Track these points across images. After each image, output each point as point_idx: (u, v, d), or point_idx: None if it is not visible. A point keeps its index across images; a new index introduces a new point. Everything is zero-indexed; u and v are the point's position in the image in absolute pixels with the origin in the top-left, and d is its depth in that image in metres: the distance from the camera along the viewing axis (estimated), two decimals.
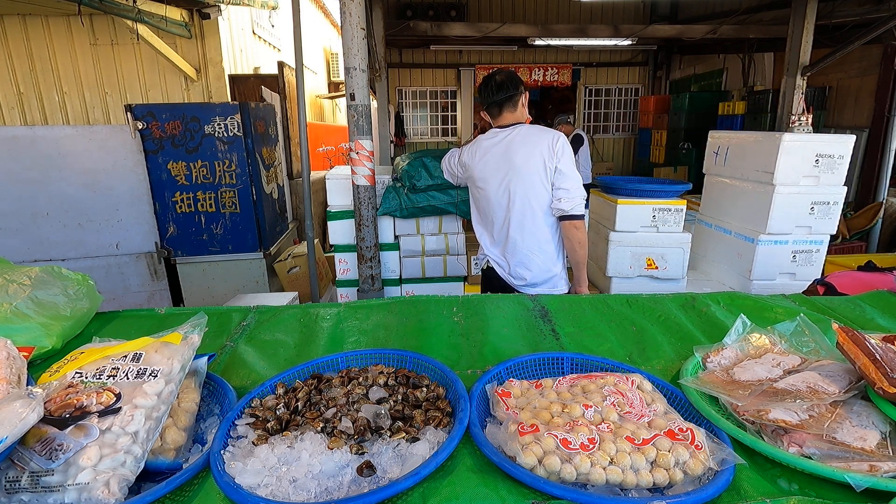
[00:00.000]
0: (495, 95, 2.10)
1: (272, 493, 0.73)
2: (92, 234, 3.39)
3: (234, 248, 3.59)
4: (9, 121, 5.48)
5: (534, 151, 2.04)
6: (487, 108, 2.17)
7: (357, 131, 2.84)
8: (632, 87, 10.34)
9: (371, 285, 3.07)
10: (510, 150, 2.08)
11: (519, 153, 2.06)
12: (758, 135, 3.14)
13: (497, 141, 2.12)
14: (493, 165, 2.12)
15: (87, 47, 5.38)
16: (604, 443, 0.77)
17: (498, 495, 0.73)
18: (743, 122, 7.29)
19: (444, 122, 10.37)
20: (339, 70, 10.23)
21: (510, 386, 0.96)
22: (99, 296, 1.39)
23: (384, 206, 3.00)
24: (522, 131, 2.09)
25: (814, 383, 0.88)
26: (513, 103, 2.11)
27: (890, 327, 1.32)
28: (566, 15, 9.12)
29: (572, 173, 2.06)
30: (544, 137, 2.05)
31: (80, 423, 0.76)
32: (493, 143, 2.13)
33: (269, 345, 1.25)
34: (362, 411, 0.87)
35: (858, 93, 6.09)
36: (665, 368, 1.12)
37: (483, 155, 2.15)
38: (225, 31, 5.62)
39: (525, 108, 2.15)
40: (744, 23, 6.94)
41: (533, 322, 1.35)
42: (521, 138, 2.07)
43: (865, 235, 5.05)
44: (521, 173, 2.06)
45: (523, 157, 2.05)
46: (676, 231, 3.17)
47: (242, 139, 3.38)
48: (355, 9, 2.74)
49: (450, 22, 7.49)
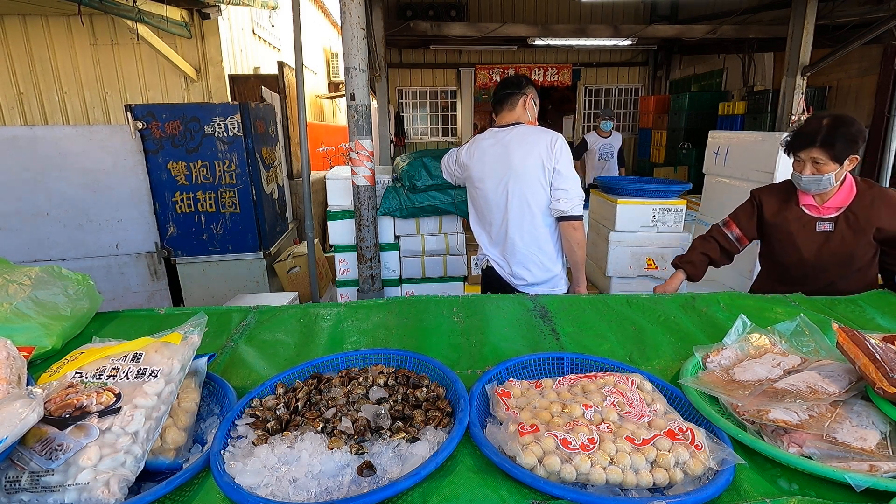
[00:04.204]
0: (497, 92, 2.15)
1: (272, 493, 0.73)
2: (92, 234, 3.39)
3: (234, 248, 3.59)
4: (9, 121, 5.48)
5: (532, 152, 2.03)
6: (493, 106, 2.21)
7: (357, 131, 2.84)
8: (632, 87, 10.34)
9: (371, 285, 3.07)
10: (508, 150, 2.07)
11: (517, 153, 2.05)
12: (758, 135, 3.14)
13: (495, 141, 2.12)
14: (491, 165, 2.11)
15: (87, 47, 5.38)
16: (604, 443, 0.77)
17: (498, 495, 0.73)
18: (743, 122, 7.29)
19: (444, 122, 10.38)
20: (339, 70, 10.23)
21: (510, 386, 0.96)
22: (99, 296, 1.39)
23: (384, 206, 3.00)
24: (520, 131, 2.08)
25: (814, 383, 0.88)
26: (511, 102, 2.11)
27: (890, 327, 1.32)
28: (566, 15, 9.12)
29: (570, 174, 2.05)
30: (542, 138, 2.04)
31: (80, 423, 0.76)
32: (492, 143, 2.13)
33: (269, 345, 1.25)
34: (362, 411, 0.87)
35: (858, 93, 6.09)
36: (665, 368, 1.12)
37: (482, 155, 2.14)
38: (225, 31, 5.62)
39: (528, 110, 2.14)
40: (744, 23, 6.95)
41: (533, 322, 1.35)
42: (519, 138, 2.06)
43: None
44: (519, 174, 2.05)
45: (521, 158, 2.04)
46: (676, 231, 3.17)
47: (242, 139, 3.38)
48: (355, 9, 2.74)
49: (450, 22, 7.48)
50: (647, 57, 10.05)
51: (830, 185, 1.77)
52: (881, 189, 1.85)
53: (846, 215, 1.82)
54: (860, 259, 1.84)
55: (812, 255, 1.87)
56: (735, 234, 2.05)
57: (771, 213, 1.96)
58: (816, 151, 1.73)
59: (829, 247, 1.85)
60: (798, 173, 1.81)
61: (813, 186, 1.79)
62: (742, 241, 2.05)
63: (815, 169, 1.76)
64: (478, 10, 8.92)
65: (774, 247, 1.99)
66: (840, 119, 1.73)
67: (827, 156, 1.72)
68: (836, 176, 1.75)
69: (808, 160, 1.77)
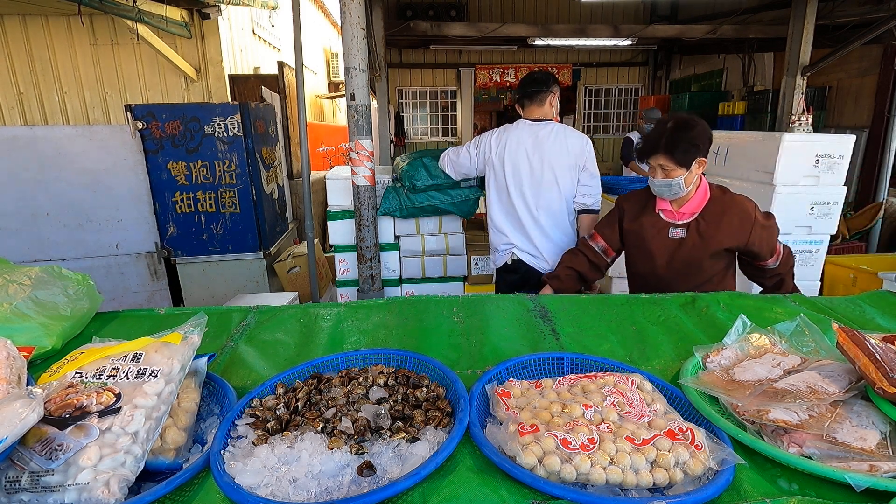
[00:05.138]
0: (527, 87, 2.33)
1: (272, 493, 0.73)
2: (92, 234, 3.39)
3: (234, 248, 3.59)
4: (9, 121, 5.47)
5: (567, 149, 2.28)
6: (518, 100, 2.39)
7: (357, 131, 2.83)
8: (632, 87, 10.33)
9: (371, 285, 3.07)
10: (545, 144, 2.27)
11: (553, 148, 2.27)
12: (758, 135, 3.13)
13: (531, 133, 2.30)
14: (525, 156, 2.30)
15: (87, 47, 5.38)
16: (604, 443, 0.77)
17: (498, 495, 0.73)
18: (743, 122, 7.28)
19: (444, 122, 10.37)
20: (339, 70, 10.22)
21: (510, 386, 0.96)
22: (99, 296, 1.39)
23: (384, 206, 3.00)
24: (557, 129, 2.31)
25: (814, 383, 0.88)
26: (540, 99, 2.32)
27: (890, 327, 1.32)
28: (566, 15, 9.12)
29: (596, 172, 2.36)
30: (576, 138, 2.32)
31: (80, 423, 0.76)
32: (525, 134, 2.30)
33: (269, 345, 1.25)
34: (362, 411, 0.87)
35: (858, 93, 6.08)
36: (665, 368, 1.11)
37: (515, 145, 2.30)
38: (225, 31, 5.62)
39: (553, 107, 2.36)
40: (744, 23, 6.94)
41: (533, 322, 1.35)
42: (555, 135, 2.29)
43: (865, 235, 5.04)
44: (555, 167, 2.28)
45: (557, 153, 2.27)
46: None
47: (242, 139, 3.38)
48: (355, 9, 2.73)
49: (450, 22, 7.48)
50: (647, 57, 10.04)
51: (681, 189, 1.75)
52: (733, 197, 1.82)
53: (697, 221, 1.79)
54: (711, 268, 1.81)
55: (664, 262, 1.84)
56: (600, 246, 2.01)
57: (630, 220, 1.94)
58: (662, 158, 1.72)
59: (680, 254, 1.82)
60: (651, 178, 1.80)
61: (665, 192, 1.78)
62: (608, 252, 2.00)
63: (665, 174, 1.74)
64: (478, 10, 8.91)
65: (633, 255, 1.97)
66: (682, 123, 1.72)
67: (672, 161, 1.70)
68: (685, 180, 1.73)
69: (657, 166, 1.76)
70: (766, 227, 1.79)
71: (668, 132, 1.71)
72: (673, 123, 1.72)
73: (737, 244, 1.78)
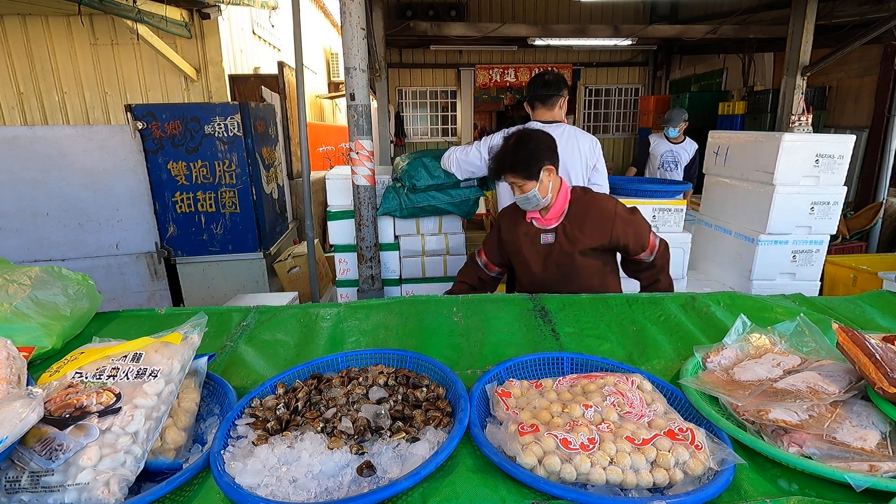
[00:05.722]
0: (539, 90, 2.39)
1: (272, 493, 0.73)
2: (92, 234, 3.39)
3: (234, 248, 3.59)
4: (9, 121, 5.47)
5: (579, 150, 2.38)
6: (529, 100, 2.46)
7: (357, 131, 2.83)
8: (632, 87, 10.33)
9: (371, 285, 3.07)
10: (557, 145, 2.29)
11: (565, 150, 2.27)
12: (758, 135, 3.13)
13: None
14: None
15: (87, 47, 5.38)
16: (604, 443, 0.77)
17: (498, 495, 0.73)
18: (743, 122, 7.28)
19: (444, 122, 10.37)
20: (339, 70, 10.23)
21: (510, 386, 0.96)
22: (99, 296, 1.39)
23: (384, 206, 3.00)
24: (568, 130, 2.40)
25: (814, 383, 0.88)
26: (551, 102, 2.40)
27: (890, 327, 1.32)
28: (566, 15, 9.12)
29: (604, 171, 2.50)
30: (587, 139, 2.42)
31: (80, 423, 0.76)
32: None
33: (269, 345, 1.25)
34: (362, 411, 0.87)
35: (858, 93, 6.08)
36: (665, 368, 1.12)
37: None
38: (225, 31, 5.61)
39: (562, 109, 2.44)
40: (744, 23, 6.94)
41: (533, 322, 1.35)
42: (567, 137, 2.37)
43: (865, 235, 5.04)
44: (569, 168, 2.36)
45: (569, 154, 2.33)
46: (676, 231, 3.17)
47: (242, 139, 3.38)
48: (355, 9, 2.73)
49: (450, 22, 7.48)
50: (647, 57, 10.04)
51: (539, 201, 1.77)
52: (594, 197, 1.85)
53: (563, 224, 1.82)
54: (586, 269, 1.83)
55: (540, 268, 1.86)
56: (482, 261, 2.02)
57: (506, 231, 1.95)
58: (511, 176, 1.75)
59: (552, 258, 1.84)
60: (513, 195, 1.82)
61: (526, 205, 1.81)
62: (489, 266, 2.01)
63: (520, 190, 1.76)
64: (478, 10, 8.91)
65: (515, 264, 1.98)
66: (519, 140, 1.75)
67: (520, 177, 1.73)
68: (540, 191, 1.75)
69: (510, 184, 1.78)
70: (628, 221, 1.82)
71: (510, 151, 1.74)
72: (513, 141, 1.76)
73: (602, 241, 1.81)
